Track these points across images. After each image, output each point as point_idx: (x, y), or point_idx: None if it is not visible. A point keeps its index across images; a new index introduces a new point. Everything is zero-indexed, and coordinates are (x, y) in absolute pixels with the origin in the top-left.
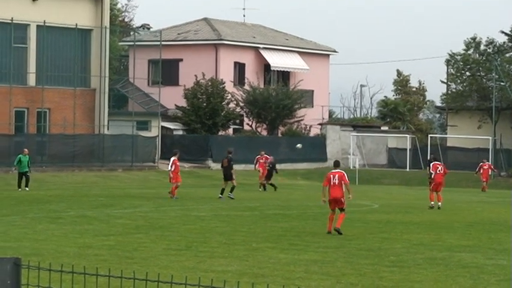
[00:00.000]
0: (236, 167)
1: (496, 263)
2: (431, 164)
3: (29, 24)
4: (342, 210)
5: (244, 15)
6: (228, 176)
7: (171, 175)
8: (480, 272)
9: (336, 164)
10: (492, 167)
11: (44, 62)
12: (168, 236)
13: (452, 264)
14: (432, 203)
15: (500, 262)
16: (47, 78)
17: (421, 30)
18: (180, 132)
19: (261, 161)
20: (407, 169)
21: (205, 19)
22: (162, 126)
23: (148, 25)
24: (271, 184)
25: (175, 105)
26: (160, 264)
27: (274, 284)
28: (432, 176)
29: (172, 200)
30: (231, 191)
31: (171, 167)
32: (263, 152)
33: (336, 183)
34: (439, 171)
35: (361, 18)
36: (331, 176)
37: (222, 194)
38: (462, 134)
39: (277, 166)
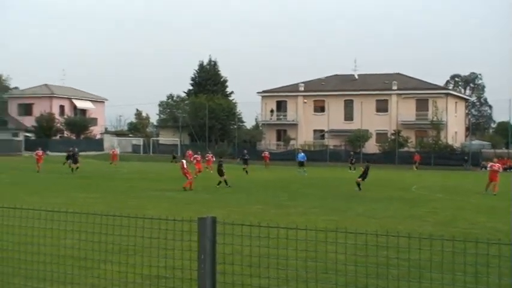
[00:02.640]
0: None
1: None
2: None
3: None
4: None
5: (64, 80)
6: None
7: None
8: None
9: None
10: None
11: None
12: (25, 185)
13: (176, 199)
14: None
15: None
16: None
17: (145, 90)
18: (34, 138)
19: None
20: (141, 153)
21: (45, 84)
22: (25, 135)
23: (18, 87)
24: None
25: (32, 125)
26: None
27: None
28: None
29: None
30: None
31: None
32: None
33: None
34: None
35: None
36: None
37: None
38: (167, 138)
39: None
